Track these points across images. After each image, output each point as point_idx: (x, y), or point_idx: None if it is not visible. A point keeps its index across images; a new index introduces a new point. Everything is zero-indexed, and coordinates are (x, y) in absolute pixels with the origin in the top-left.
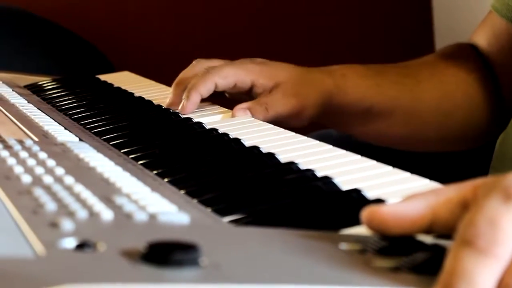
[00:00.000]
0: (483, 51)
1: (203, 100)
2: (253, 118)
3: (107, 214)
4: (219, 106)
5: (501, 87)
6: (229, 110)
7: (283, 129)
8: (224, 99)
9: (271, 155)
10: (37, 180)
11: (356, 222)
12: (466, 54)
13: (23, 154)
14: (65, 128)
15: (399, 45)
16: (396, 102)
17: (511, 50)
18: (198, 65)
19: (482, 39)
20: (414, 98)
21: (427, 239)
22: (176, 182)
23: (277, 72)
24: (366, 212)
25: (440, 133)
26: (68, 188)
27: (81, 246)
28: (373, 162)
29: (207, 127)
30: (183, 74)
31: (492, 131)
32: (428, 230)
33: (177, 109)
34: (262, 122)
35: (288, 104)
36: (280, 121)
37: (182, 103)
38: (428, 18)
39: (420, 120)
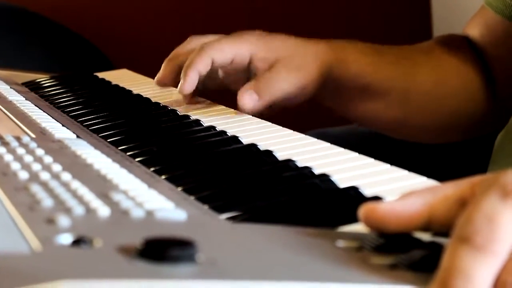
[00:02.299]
0: (477, 44)
1: (201, 96)
2: (250, 116)
3: (104, 211)
4: (217, 104)
5: (495, 80)
6: (227, 108)
7: (280, 127)
8: (221, 98)
9: (268, 153)
10: (34, 177)
11: (353, 219)
12: (460, 44)
13: (20, 151)
14: (63, 125)
15: (397, 41)
16: (392, 83)
17: (505, 44)
18: (193, 41)
19: (475, 32)
20: (409, 80)
21: (425, 236)
22: (174, 179)
23: (277, 44)
24: (363, 210)
25: (433, 119)
26: (65, 185)
27: (77, 242)
28: (370, 160)
29: (205, 124)
30: (177, 50)
31: (484, 123)
32: (425, 228)
33: (165, 85)
34: (260, 120)
35: (292, 80)
36: (284, 100)
37: (180, 83)
38: (426, 13)
39: (414, 103)
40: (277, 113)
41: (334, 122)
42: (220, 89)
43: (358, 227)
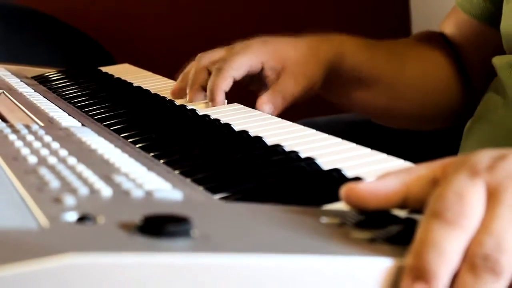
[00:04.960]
0: (451, 41)
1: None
2: (241, 106)
3: (106, 191)
4: None
5: (470, 77)
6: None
7: (269, 115)
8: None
9: (258, 139)
10: (42, 161)
11: (336, 198)
12: (439, 40)
13: (30, 138)
14: (69, 115)
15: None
16: (383, 75)
17: (474, 42)
18: (203, 59)
19: (448, 30)
20: (398, 74)
21: (401, 213)
22: (171, 163)
23: (283, 52)
24: (344, 189)
25: (418, 110)
26: (71, 168)
27: (82, 219)
28: (352, 145)
29: (200, 113)
30: (191, 68)
31: (461, 113)
32: (401, 205)
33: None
34: (251, 109)
35: (300, 86)
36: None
37: (209, 102)
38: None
39: (401, 95)
40: None
41: (320, 112)
42: None
43: (340, 206)
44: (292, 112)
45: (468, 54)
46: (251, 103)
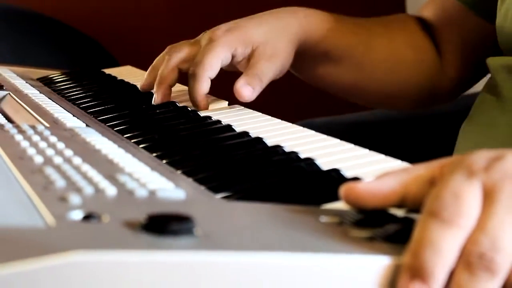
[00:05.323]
0: (431, 25)
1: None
2: (242, 107)
3: (111, 190)
4: (211, 96)
5: (445, 63)
6: (221, 100)
7: (270, 117)
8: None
9: (259, 140)
10: (48, 161)
11: (335, 198)
12: (415, 23)
13: (35, 138)
14: (73, 116)
15: None
16: (350, 50)
17: (458, 28)
18: (173, 58)
19: (430, 14)
20: (365, 49)
21: (399, 212)
22: (174, 163)
23: (250, 35)
24: (343, 189)
25: (385, 87)
26: (76, 168)
27: (87, 217)
28: (351, 146)
29: (202, 115)
30: (157, 61)
31: (433, 97)
32: (399, 204)
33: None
34: (252, 110)
35: (274, 66)
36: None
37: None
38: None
39: (368, 70)
40: (268, 105)
41: (319, 113)
42: None
43: (339, 205)
44: (291, 113)
45: (449, 40)
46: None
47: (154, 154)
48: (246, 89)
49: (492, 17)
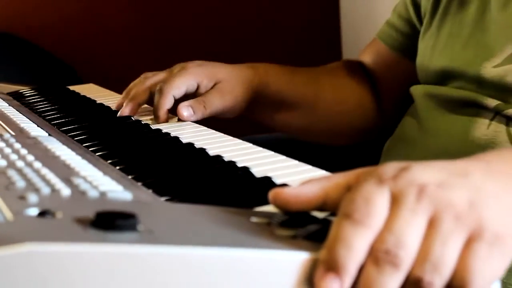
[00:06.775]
0: (369, 69)
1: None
2: (191, 122)
3: (66, 191)
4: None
5: (382, 100)
6: (172, 115)
7: (214, 131)
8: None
9: (202, 150)
10: (11, 164)
11: (265, 202)
12: (356, 69)
13: (1, 144)
14: (38, 126)
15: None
16: (302, 99)
17: (391, 71)
18: (148, 79)
19: (368, 59)
20: (315, 97)
21: (320, 214)
22: (125, 169)
23: (217, 73)
24: (272, 193)
25: (333, 128)
26: (36, 171)
27: (42, 214)
28: (282, 157)
29: (153, 127)
30: (133, 85)
31: (372, 132)
32: (321, 208)
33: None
34: (198, 125)
35: (224, 101)
36: (217, 115)
37: (156, 119)
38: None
39: (319, 115)
40: (215, 122)
41: (260, 131)
42: None
43: (268, 208)
44: (236, 130)
45: (384, 81)
46: None
47: (109, 161)
48: (186, 110)
49: (415, 57)
